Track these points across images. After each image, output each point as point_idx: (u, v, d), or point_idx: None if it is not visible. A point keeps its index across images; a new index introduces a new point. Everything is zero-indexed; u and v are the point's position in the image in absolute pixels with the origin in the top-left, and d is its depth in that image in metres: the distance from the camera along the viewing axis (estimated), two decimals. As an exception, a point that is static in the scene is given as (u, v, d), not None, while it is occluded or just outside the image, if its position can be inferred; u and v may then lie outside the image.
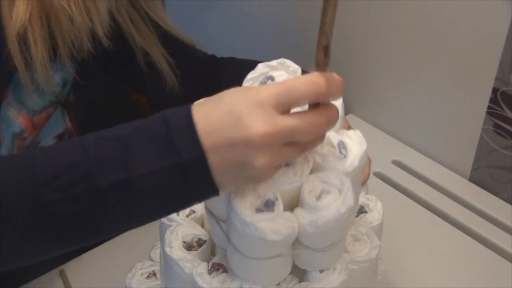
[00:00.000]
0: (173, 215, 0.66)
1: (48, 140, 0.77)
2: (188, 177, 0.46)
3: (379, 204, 0.71)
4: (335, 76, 0.49)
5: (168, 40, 0.85)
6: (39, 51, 0.63)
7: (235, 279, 0.58)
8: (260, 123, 0.45)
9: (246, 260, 0.55)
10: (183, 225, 0.65)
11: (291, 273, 0.60)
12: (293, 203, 0.55)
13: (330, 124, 0.50)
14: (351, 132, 0.58)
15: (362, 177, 0.60)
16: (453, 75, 0.98)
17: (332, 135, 0.57)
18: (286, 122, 0.47)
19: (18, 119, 0.71)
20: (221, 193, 0.49)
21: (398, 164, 1.07)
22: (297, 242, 0.55)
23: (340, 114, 0.54)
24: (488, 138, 0.97)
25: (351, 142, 0.57)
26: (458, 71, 0.97)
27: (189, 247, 0.63)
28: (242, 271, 0.57)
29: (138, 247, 0.81)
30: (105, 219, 0.48)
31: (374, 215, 0.70)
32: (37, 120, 0.74)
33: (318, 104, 0.50)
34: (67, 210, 0.46)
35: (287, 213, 0.52)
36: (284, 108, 0.47)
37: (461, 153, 1.02)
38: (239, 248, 0.54)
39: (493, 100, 0.93)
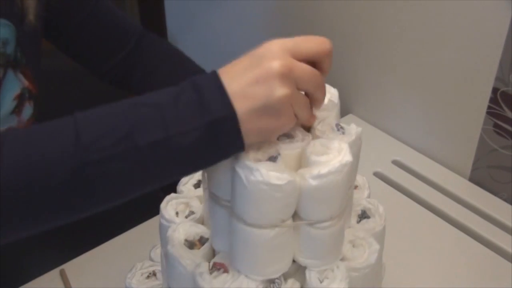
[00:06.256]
0: (173, 217, 0.66)
1: (8, 102, 0.78)
2: (220, 133, 0.51)
3: (381, 208, 0.71)
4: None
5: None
6: None
7: (236, 279, 0.58)
8: (279, 59, 0.52)
9: (249, 236, 0.55)
10: (185, 223, 0.65)
11: (291, 277, 0.60)
12: (296, 169, 0.57)
13: (323, 85, 0.56)
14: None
15: (358, 157, 0.63)
16: (453, 75, 0.99)
17: (330, 119, 0.61)
18: (299, 63, 0.53)
19: None
20: (225, 174, 0.55)
21: (398, 164, 1.07)
22: (295, 217, 0.57)
23: (336, 101, 0.63)
24: (488, 138, 0.97)
25: (347, 126, 0.61)
26: (458, 71, 0.97)
27: (191, 245, 0.63)
28: (244, 255, 0.57)
29: (138, 247, 0.81)
30: (144, 176, 0.52)
31: (376, 220, 0.69)
32: None
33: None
34: (109, 170, 0.50)
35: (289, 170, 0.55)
36: (295, 56, 0.53)
37: (461, 153, 1.02)
38: (243, 212, 0.55)
39: (493, 100, 0.93)
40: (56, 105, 1.08)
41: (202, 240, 0.63)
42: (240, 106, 0.51)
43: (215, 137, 0.51)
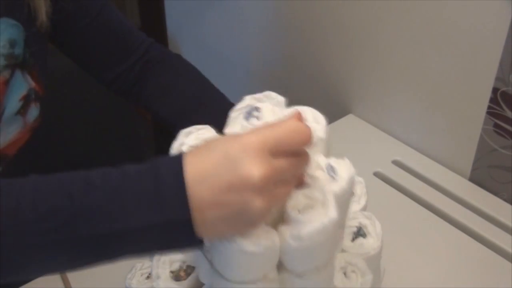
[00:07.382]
0: None
1: (14, 102, 0.76)
2: (172, 234, 0.47)
3: (378, 226, 0.67)
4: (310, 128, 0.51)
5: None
6: None
7: None
8: (258, 165, 0.46)
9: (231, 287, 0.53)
10: None
11: None
12: (276, 223, 0.53)
13: (307, 162, 0.52)
14: (339, 160, 0.58)
15: (350, 201, 0.59)
16: (453, 75, 0.98)
17: (321, 159, 0.56)
18: (278, 163, 0.48)
19: None
20: None
21: (398, 164, 1.07)
22: (280, 267, 0.54)
23: (323, 136, 0.57)
24: (488, 138, 0.97)
25: (340, 167, 0.57)
26: (458, 71, 0.97)
27: (177, 277, 0.61)
28: None
29: (138, 247, 0.81)
30: (83, 262, 0.49)
31: (372, 241, 0.65)
32: None
33: None
34: (46, 253, 0.47)
35: (267, 227, 0.51)
36: (273, 152, 0.48)
37: (461, 153, 1.02)
38: (223, 271, 0.52)
39: (493, 100, 0.93)
40: (61, 107, 1.07)
41: (188, 271, 0.61)
42: (207, 213, 0.46)
43: (166, 238, 0.47)
